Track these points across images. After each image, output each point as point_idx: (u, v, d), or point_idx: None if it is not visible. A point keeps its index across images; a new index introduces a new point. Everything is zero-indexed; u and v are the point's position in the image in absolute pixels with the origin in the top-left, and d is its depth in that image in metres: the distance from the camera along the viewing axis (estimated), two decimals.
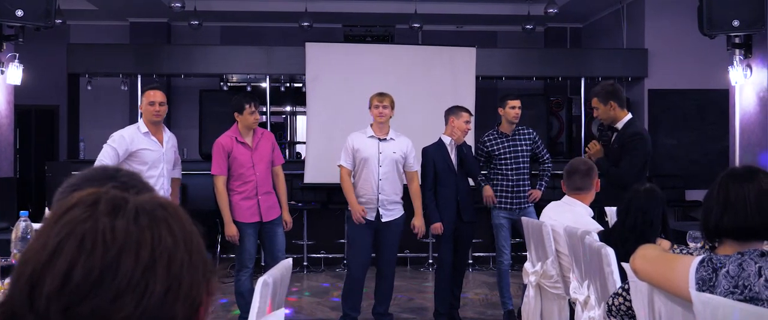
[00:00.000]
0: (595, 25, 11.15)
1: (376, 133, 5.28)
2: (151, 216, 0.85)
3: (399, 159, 5.31)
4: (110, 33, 10.84)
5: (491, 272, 7.87)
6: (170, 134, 5.15)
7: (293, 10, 9.99)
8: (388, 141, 5.30)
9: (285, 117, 12.11)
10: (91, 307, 0.79)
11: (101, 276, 0.79)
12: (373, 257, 5.41)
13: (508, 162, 5.62)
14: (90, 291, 0.79)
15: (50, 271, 0.80)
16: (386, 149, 5.27)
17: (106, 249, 0.80)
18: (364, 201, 5.24)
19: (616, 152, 4.88)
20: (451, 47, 8.71)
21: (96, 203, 0.85)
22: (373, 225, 5.25)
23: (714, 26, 6.35)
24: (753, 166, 2.09)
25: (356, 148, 5.25)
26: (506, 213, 5.62)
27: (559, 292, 3.93)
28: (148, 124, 4.95)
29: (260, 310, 2.10)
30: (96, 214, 0.83)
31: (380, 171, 5.23)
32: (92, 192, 0.87)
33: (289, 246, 5.66)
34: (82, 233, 0.81)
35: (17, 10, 6.10)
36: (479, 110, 7.67)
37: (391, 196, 5.28)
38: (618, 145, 4.89)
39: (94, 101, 10.51)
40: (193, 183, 8.37)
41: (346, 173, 5.29)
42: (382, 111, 5.23)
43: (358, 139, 5.30)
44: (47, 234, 0.83)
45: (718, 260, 1.86)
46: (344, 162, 5.30)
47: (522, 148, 5.65)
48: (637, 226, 3.30)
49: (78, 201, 0.85)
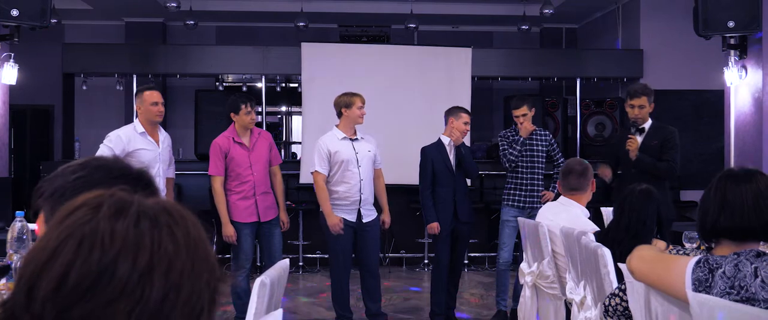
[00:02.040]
0: (590, 26, 11.17)
1: (348, 134, 5.23)
2: (154, 221, 0.83)
3: (373, 157, 5.30)
4: (106, 33, 10.82)
5: (487, 272, 7.88)
6: (165, 134, 5.15)
7: (289, 10, 9.99)
8: (360, 141, 5.27)
9: (281, 117, 12.10)
10: (84, 311, 0.77)
11: (97, 280, 0.78)
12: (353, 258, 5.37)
13: (523, 162, 5.63)
14: (84, 294, 0.78)
15: (48, 273, 0.79)
16: (361, 149, 5.24)
17: (103, 252, 0.79)
18: (347, 203, 5.17)
19: (654, 148, 5.12)
20: (446, 47, 8.71)
21: (100, 206, 0.84)
22: (354, 226, 5.21)
23: (709, 27, 6.36)
24: (750, 167, 2.10)
25: (334, 151, 5.15)
26: (517, 211, 5.62)
27: (555, 293, 3.93)
28: (146, 124, 4.95)
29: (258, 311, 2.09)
30: (98, 216, 0.82)
31: (361, 171, 5.20)
32: (98, 194, 0.86)
33: (285, 246, 5.65)
34: (82, 235, 0.80)
35: (12, 9, 6.08)
36: (475, 110, 7.66)
37: (370, 196, 5.26)
38: (657, 141, 5.13)
39: (90, 101, 10.48)
40: (188, 183, 8.35)
41: (322, 180, 5.15)
42: (364, 111, 5.22)
43: (331, 142, 5.20)
44: (49, 235, 0.82)
45: (714, 261, 1.87)
46: (320, 167, 5.15)
47: (537, 148, 5.68)
48: (631, 226, 3.30)
49: (83, 202, 0.85)
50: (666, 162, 5.08)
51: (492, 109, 11.33)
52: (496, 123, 11.14)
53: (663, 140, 5.12)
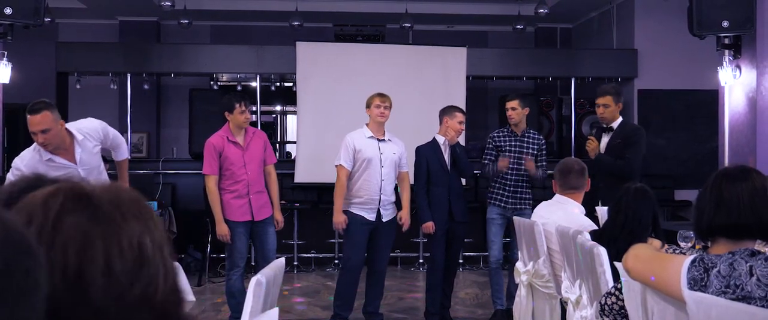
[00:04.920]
0: (585, 26, 11.19)
1: (375, 134, 5.26)
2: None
3: (397, 160, 5.32)
4: (99, 31, 10.79)
5: (482, 271, 7.88)
6: (85, 135, 4.37)
7: (284, 9, 9.97)
8: (387, 142, 5.30)
9: (275, 116, 12.08)
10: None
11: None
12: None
13: (511, 162, 5.59)
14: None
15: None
16: (386, 150, 5.27)
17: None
18: (365, 200, 5.20)
19: (618, 147, 5.17)
20: (441, 47, 8.71)
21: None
22: (373, 225, 5.24)
23: (703, 27, 6.37)
24: (746, 166, 2.10)
25: (358, 149, 5.19)
26: (500, 210, 5.62)
27: (551, 292, 3.93)
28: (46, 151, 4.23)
29: (254, 310, 2.09)
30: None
31: (383, 171, 5.22)
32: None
33: (279, 246, 5.65)
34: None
35: (6, 7, 6.06)
36: (470, 110, 7.67)
37: (390, 196, 5.30)
38: (620, 140, 5.18)
39: (83, 100, 10.43)
40: (182, 182, 8.34)
41: (344, 175, 5.19)
42: (383, 111, 5.23)
43: (358, 139, 5.24)
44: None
45: (709, 260, 1.87)
46: (345, 162, 5.18)
47: (528, 150, 5.63)
48: (628, 225, 3.30)
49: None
50: (623, 161, 5.13)
51: (487, 108, 11.33)
52: (490, 122, 11.14)
53: (625, 138, 5.20)
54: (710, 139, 8.74)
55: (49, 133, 4.10)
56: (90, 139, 4.38)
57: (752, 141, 6.45)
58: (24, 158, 4.25)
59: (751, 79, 6.48)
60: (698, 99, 9.28)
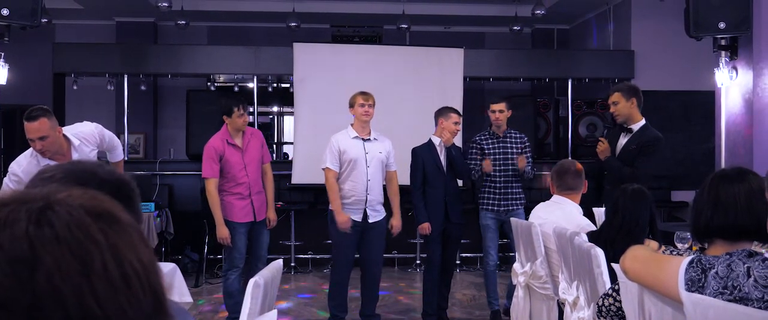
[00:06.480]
0: (582, 27, 11.20)
1: (360, 134, 5.24)
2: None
3: (384, 159, 5.31)
4: (96, 32, 10.78)
5: (479, 272, 7.88)
6: (82, 140, 4.33)
7: (281, 10, 9.97)
8: (372, 141, 5.28)
9: (272, 117, 12.08)
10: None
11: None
12: (357, 257, 5.38)
13: (496, 164, 5.61)
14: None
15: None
16: (372, 149, 5.25)
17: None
18: (353, 201, 5.20)
19: (632, 153, 4.88)
20: (438, 48, 8.71)
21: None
22: (360, 226, 5.23)
23: (700, 28, 6.38)
24: (742, 167, 2.11)
25: (343, 150, 5.19)
26: (493, 214, 5.63)
27: (548, 293, 3.94)
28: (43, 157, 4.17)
29: (252, 311, 2.09)
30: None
31: (369, 171, 5.21)
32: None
33: (276, 246, 5.65)
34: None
35: (3, 8, 6.05)
36: (467, 111, 7.67)
37: (377, 197, 5.27)
38: (635, 146, 4.88)
39: (80, 101, 10.43)
40: (180, 183, 8.33)
41: (333, 176, 5.19)
42: (367, 110, 5.21)
43: (343, 140, 5.23)
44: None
45: (706, 261, 1.87)
46: (331, 164, 5.19)
47: (512, 150, 5.65)
48: (625, 226, 3.31)
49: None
50: (631, 169, 4.81)
51: (484, 109, 11.32)
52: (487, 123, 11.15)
53: (641, 145, 4.90)
54: (707, 140, 8.76)
55: (46, 140, 4.06)
56: (86, 144, 4.35)
57: (749, 142, 6.47)
58: (21, 164, 4.21)
59: (747, 80, 6.49)
60: (695, 100, 9.29)
